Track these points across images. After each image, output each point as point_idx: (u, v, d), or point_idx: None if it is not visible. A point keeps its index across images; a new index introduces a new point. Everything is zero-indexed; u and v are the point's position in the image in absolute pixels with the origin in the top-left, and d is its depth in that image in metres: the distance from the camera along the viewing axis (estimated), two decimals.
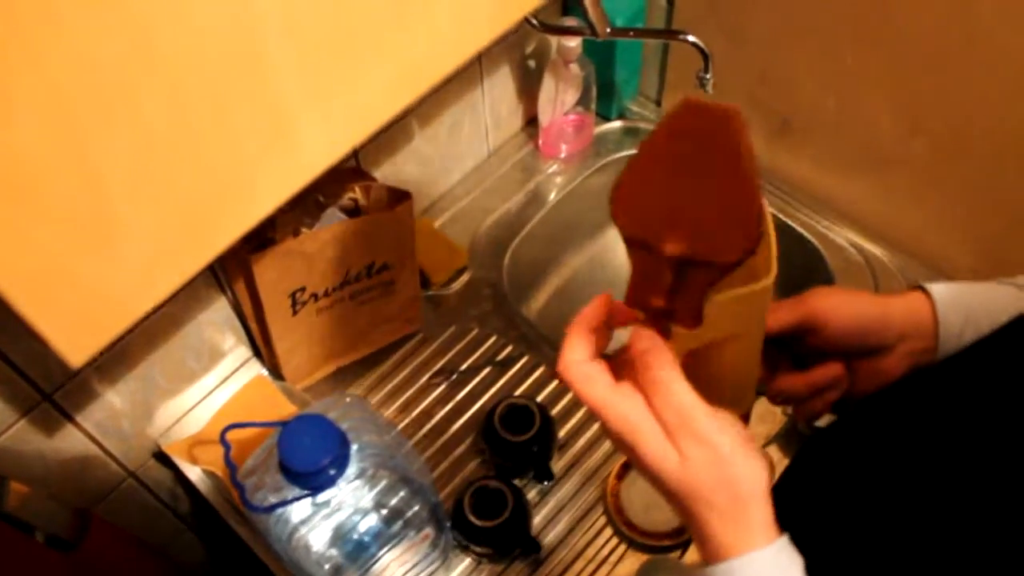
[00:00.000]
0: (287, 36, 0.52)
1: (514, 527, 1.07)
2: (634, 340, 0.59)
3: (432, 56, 0.64)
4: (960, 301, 0.70)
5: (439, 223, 1.44)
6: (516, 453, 1.12)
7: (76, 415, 1.08)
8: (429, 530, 1.03)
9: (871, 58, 1.21)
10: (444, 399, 1.24)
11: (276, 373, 1.24)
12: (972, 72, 1.13)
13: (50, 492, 1.03)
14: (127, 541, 1.15)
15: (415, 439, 1.20)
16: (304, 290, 1.11)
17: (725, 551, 0.55)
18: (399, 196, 1.12)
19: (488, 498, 1.08)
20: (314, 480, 0.87)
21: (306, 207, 1.10)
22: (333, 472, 0.88)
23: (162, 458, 1.21)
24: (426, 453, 1.19)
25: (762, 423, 1.20)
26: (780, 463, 1.14)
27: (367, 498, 0.99)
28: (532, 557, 1.11)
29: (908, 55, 1.17)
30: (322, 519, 0.96)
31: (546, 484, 1.16)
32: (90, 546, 1.03)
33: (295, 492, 0.88)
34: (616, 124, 1.57)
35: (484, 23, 0.67)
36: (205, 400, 1.23)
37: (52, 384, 1.03)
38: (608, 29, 1.19)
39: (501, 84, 1.44)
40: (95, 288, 0.51)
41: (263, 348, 1.23)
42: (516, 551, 1.11)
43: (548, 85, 1.42)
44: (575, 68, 1.38)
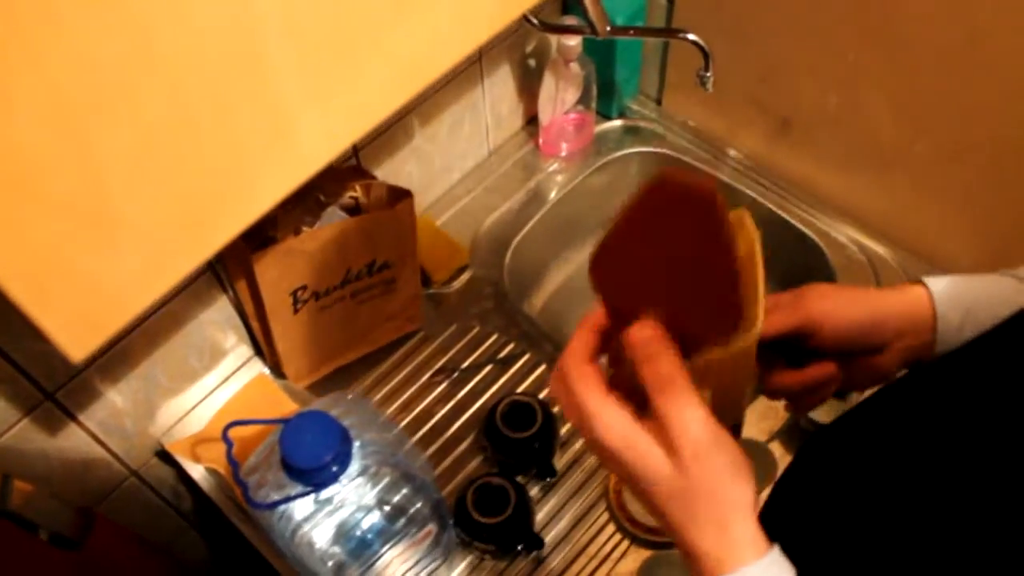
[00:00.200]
0: (286, 33, 0.52)
1: (517, 524, 1.07)
2: (638, 342, 0.57)
3: (431, 53, 0.64)
4: (960, 295, 0.70)
5: (440, 222, 1.44)
6: (518, 450, 1.12)
7: (79, 414, 1.08)
8: (432, 527, 1.03)
9: (872, 56, 1.21)
10: (446, 397, 1.24)
11: (278, 372, 1.24)
12: (974, 70, 1.13)
13: (53, 491, 1.03)
14: (130, 539, 1.16)
15: (417, 437, 1.20)
16: (305, 288, 1.11)
17: (715, 567, 0.55)
18: (400, 194, 1.12)
19: (491, 495, 1.07)
20: (316, 477, 0.87)
21: (307, 206, 1.10)
22: (335, 469, 0.87)
23: (164, 456, 1.21)
24: (428, 450, 1.19)
25: (764, 419, 1.20)
26: (783, 459, 1.14)
27: (369, 495, 0.99)
28: (535, 553, 1.11)
29: (909, 53, 1.17)
30: (325, 516, 0.96)
31: (548, 481, 1.16)
32: (94, 544, 1.03)
33: (297, 489, 0.88)
34: (616, 123, 1.57)
35: (483, 20, 0.67)
36: (207, 399, 1.23)
37: (54, 383, 1.03)
38: (608, 28, 1.19)
39: (501, 83, 1.44)
40: (95, 283, 0.51)
41: (264, 347, 1.23)
42: (519, 548, 1.10)
43: (548, 84, 1.42)
44: (575, 67, 1.38)
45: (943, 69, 1.15)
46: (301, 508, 0.93)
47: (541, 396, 1.22)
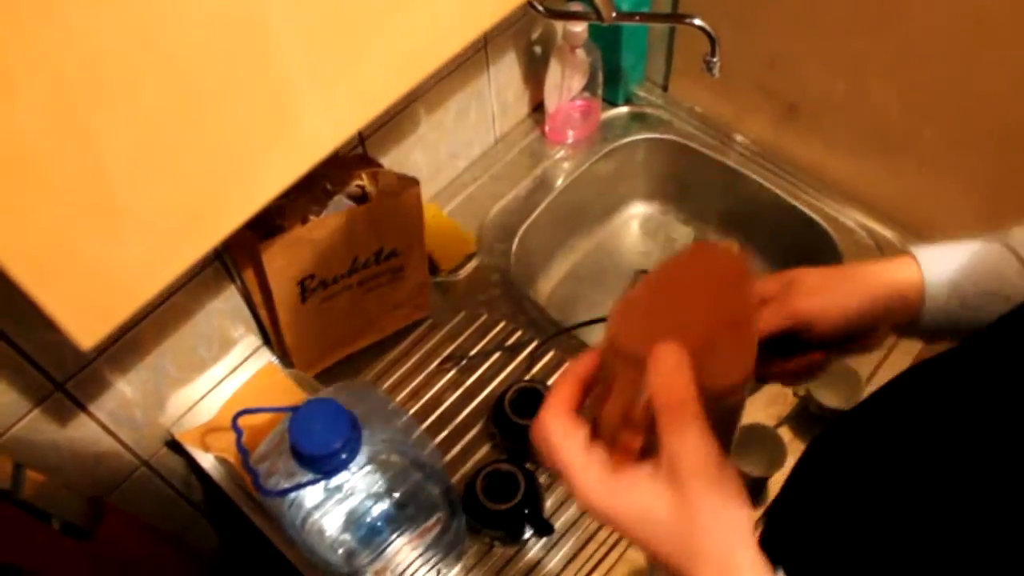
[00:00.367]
0: (290, 17, 0.52)
1: (526, 510, 1.07)
2: (662, 359, 0.54)
3: (436, 38, 0.64)
4: (948, 269, 0.71)
5: (447, 209, 1.44)
6: (527, 436, 1.11)
7: (89, 404, 1.08)
8: (441, 514, 1.03)
9: (879, 42, 1.21)
10: (454, 384, 1.24)
11: (286, 361, 1.24)
12: (981, 56, 1.12)
13: (65, 480, 1.04)
14: (141, 528, 1.16)
15: (426, 424, 1.21)
16: (313, 277, 1.11)
17: None
18: (407, 182, 1.12)
19: (500, 481, 1.08)
20: (326, 464, 0.87)
21: (314, 194, 1.10)
22: (344, 456, 0.87)
23: (174, 446, 1.21)
24: (437, 438, 1.19)
25: (772, 405, 1.19)
26: (791, 443, 1.14)
27: (379, 483, 0.99)
28: (545, 540, 1.11)
29: (916, 39, 1.17)
30: (335, 504, 0.96)
31: None
32: (105, 533, 1.04)
33: (307, 477, 0.88)
34: (623, 109, 1.57)
35: (488, 5, 0.67)
36: (216, 389, 1.23)
37: (64, 374, 1.03)
38: (614, 14, 1.19)
39: (507, 70, 1.44)
40: (102, 270, 0.51)
41: (273, 336, 1.23)
42: (529, 534, 1.11)
43: (554, 71, 1.41)
44: (581, 54, 1.38)
45: (950, 55, 1.14)
46: (311, 496, 0.93)
47: (549, 382, 1.22)
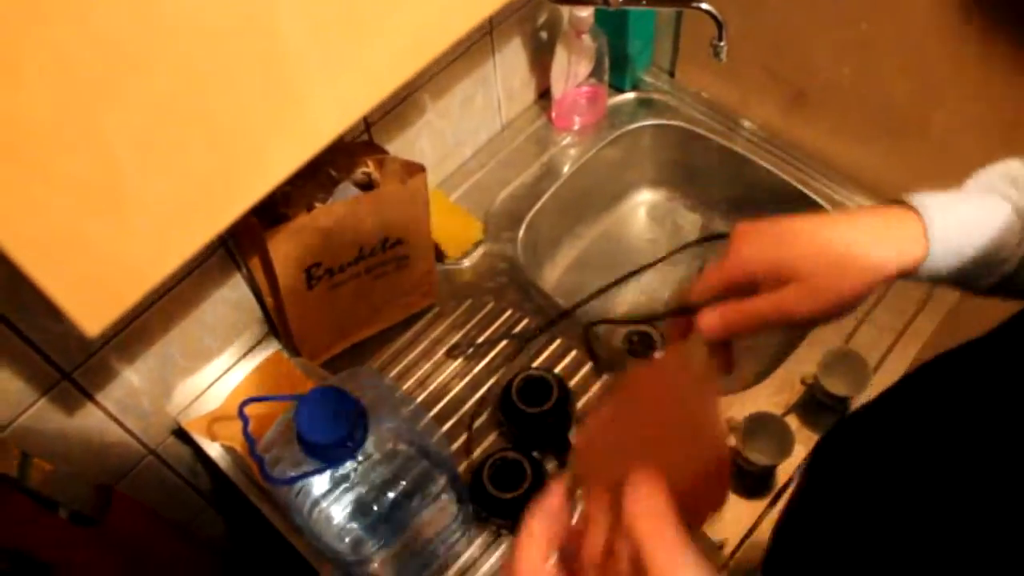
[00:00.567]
0: (297, 0, 0.52)
1: (533, 498, 1.07)
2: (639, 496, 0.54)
3: (442, 20, 0.63)
4: (956, 245, 0.69)
5: (453, 197, 1.44)
6: (534, 425, 1.12)
7: (96, 394, 1.08)
8: (448, 501, 1.03)
9: (887, 25, 1.20)
10: (461, 373, 1.24)
11: (293, 349, 1.24)
12: (988, 37, 1.11)
13: (72, 469, 1.04)
14: (149, 516, 1.16)
15: (433, 413, 1.21)
16: (319, 265, 1.11)
17: None
18: (413, 169, 1.11)
19: (507, 470, 1.08)
20: (332, 452, 0.87)
21: (319, 182, 1.10)
22: (351, 444, 0.87)
23: (181, 435, 1.22)
24: (444, 426, 1.19)
25: (779, 392, 1.19)
26: (799, 431, 1.13)
27: (386, 471, 0.99)
28: None
29: (924, 21, 1.16)
30: (342, 492, 0.96)
31: (564, 455, 1.16)
32: (113, 522, 1.04)
33: (314, 465, 0.88)
34: (630, 95, 1.56)
35: None
36: (223, 377, 1.24)
37: (71, 363, 1.03)
38: None
39: (513, 57, 1.43)
40: (107, 255, 0.50)
41: (279, 325, 1.23)
42: None
43: (560, 57, 1.41)
44: (587, 39, 1.37)
45: (957, 36, 1.14)
46: (318, 484, 0.93)
47: (557, 371, 1.22)
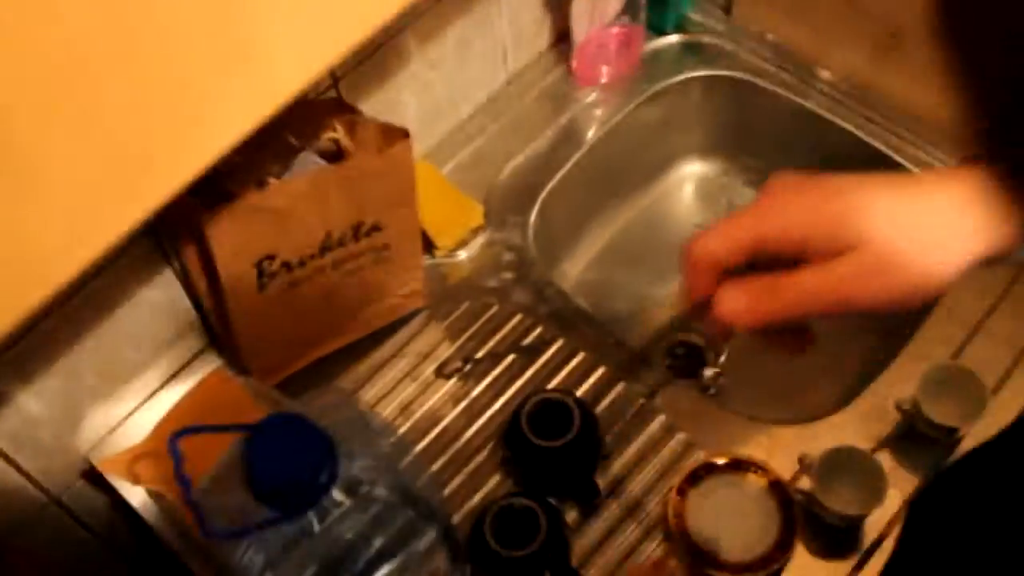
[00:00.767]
0: None
1: (549, 557, 1.07)
2: None
3: None
4: None
5: (446, 170, 1.44)
6: (550, 463, 1.12)
7: None
8: (440, 563, 1.03)
9: None
10: (456, 396, 1.25)
11: (239, 366, 1.24)
12: None
13: None
14: None
15: (420, 447, 1.21)
16: (273, 258, 1.11)
17: None
18: (393, 135, 1.12)
19: (515, 521, 1.08)
20: (291, 499, 0.87)
21: (274, 151, 1.10)
22: (316, 488, 0.87)
23: (94, 477, 1.21)
24: (435, 464, 1.19)
25: (868, 421, 1.18)
26: (893, 472, 1.12)
27: (360, 524, 0.99)
28: None
29: None
30: (303, 551, 0.96)
31: (590, 503, 1.16)
32: None
33: (267, 515, 0.88)
34: (672, 39, 1.57)
35: None
36: (148, 403, 1.24)
37: None
38: None
39: None
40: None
41: (221, 335, 1.23)
42: None
43: None
44: None
45: None
46: (272, 540, 0.93)
47: (579, 393, 1.22)
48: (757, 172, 1.59)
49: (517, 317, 1.30)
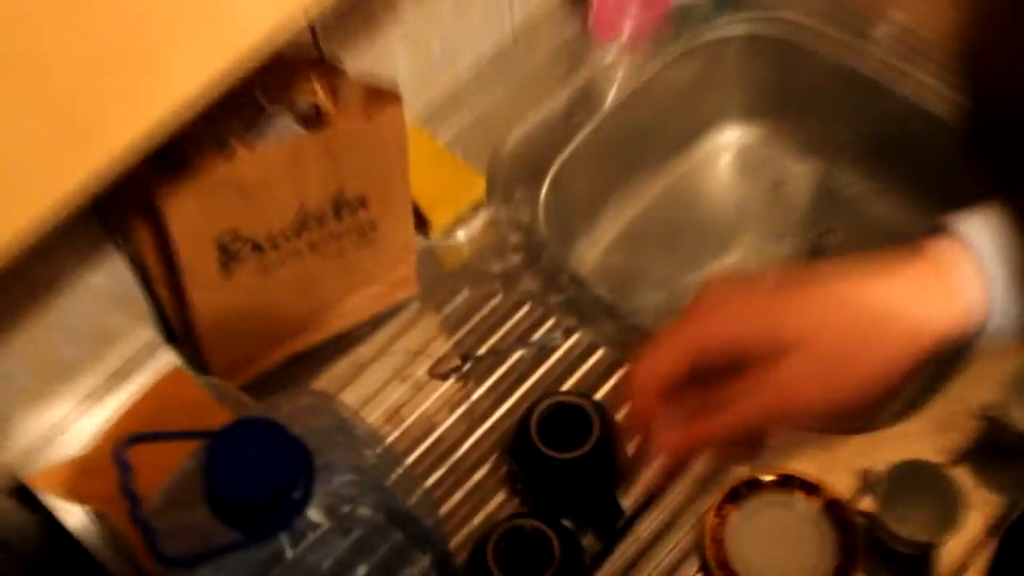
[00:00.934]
0: None
1: None
2: None
3: None
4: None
5: (442, 137, 1.44)
6: (564, 478, 1.12)
7: None
8: None
9: None
10: (454, 400, 1.25)
11: (199, 364, 1.25)
12: None
13: None
14: None
15: (412, 459, 1.21)
16: (240, 239, 1.12)
17: None
18: (382, 97, 1.13)
19: (522, 546, 1.07)
20: (260, 519, 0.86)
21: (242, 114, 1.11)
22: (289, 506, 0.87)
23: (24, 495, 1.20)
24: (429, 480, 1.20)
25: (943, 432, 1.17)
26: (974, 492, 1.11)
27: (340, 547, 0.98)
28: None
29: None
30: None
31: (610, 525, 1.15)
32: None
33: (230, 537, 0.87)
34: None
35: None
36: (90, 407, 1.24)
37: None
38: None
39: None
40: None
41: (178, 327, 1.24)
42: None
43: None
44: None
45: None
46: (236, 568, 0.92)
47: (597, 396, 1.22)
48: (805, 142, 1.61)
49: (525, 308, 1.31)
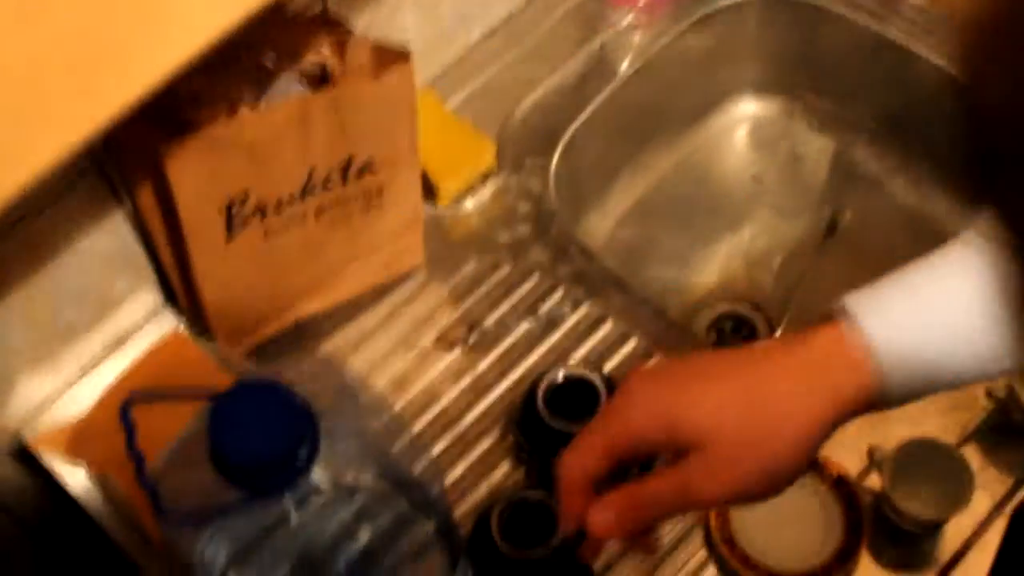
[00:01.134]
0: None
1: (566, 561, 1.07)
2: None
3: None
4: (912, 369, 0.74)
5: (452, 103, 1.44)
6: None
7: None
8: (437, 562, 1.04)
9: None
10: (460, 370, 1.25)
11: (202, 328, 1.25)
12: None
13: None
14: None
15: (417, 428, 1.21)
16: (245, 201, 1.12)
17: None
18: (391, 58, 1.12)
19: (527, 517, 1.08)
20: (264, 478, 0.87)
21: (247, 74, 1.11)
22: (293, 470, 0.87)
23: (25, 458, 1.21)
24: (433, 449, 1.20)
25: (953, 411, 1.18)
26: (982, 472, 1.12)
27: (343, 515, 0.99)
28: None
29: None
30: (276, 543, 0.96)
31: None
32: None
33: (234, 497, 0.89)
34: None
35: None
36: (93, 370, 1.24)
37: None
38: None
39: None
40: None
41: (181, 291, 1.23)
42: None
43: None
44: None
45: None
46: (239, 529, 0.93)
47: (606, 369, 1.23)
48: (825, 114, 1.58)
49: (533, 278, 1.31)
